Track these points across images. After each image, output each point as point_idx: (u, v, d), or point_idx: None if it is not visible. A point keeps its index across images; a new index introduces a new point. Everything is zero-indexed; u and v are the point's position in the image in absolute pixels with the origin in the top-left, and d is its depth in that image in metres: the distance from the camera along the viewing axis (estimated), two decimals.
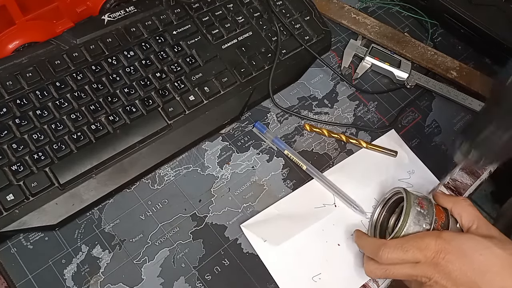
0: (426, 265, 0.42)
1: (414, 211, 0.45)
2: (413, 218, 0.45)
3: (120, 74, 0.52)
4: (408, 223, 0.44)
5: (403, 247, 0.43)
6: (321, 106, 0.59)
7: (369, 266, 0.46)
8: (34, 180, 0.45)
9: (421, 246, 0.42)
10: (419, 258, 0.42)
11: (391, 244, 0.44)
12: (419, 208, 0.45)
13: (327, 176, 0.53)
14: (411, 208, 0.45)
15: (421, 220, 0.45)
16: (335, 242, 0.50)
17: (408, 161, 0.56)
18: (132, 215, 0.48)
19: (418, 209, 0.45)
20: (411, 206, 0.45)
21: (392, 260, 0.43)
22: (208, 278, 0.46)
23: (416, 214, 0.45)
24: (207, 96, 0.54)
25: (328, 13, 0.66)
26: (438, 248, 0.42)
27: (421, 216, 0.45)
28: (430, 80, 0.62)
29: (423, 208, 0.45)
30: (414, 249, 0.42)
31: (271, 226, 0.49)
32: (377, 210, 0.51)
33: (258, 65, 0.57)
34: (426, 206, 0.46)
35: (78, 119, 0.48)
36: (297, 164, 0.53)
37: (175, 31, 0.56)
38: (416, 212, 0.45)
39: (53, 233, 0.46)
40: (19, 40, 0.52)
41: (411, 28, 0.69)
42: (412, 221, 0.45)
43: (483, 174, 0.58)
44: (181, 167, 0.52)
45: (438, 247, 0.42)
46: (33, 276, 0.44)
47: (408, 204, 0.45)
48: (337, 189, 0.52)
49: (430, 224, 0.45)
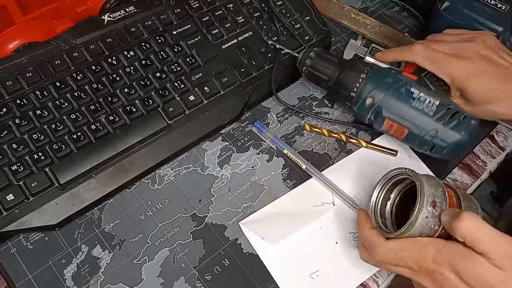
0: (423, 276, 0.40)
1: (425, 213, 0.40)
2: (422, 220, 0.40)
3: (120, 74, 0.52)
4: (416, 226, 0.40)
5: (397, 254, 0.40)
6: (321, 106, 0.59)
7: (364, 255, 0.45)
8: (34, 180, 0.45)
9: (417, 257, 0.39)
10: (413, 267, 0.40)
11: (386, 246, 0.41)
12: (430, 208, 0.40)
13: (326, 174, 0.53)
14: (422, 209, 0.40)
15: (430, 222, 0.40)
16: (332, 240, 0.50)
17: (408, 160, 0.56)
18: (132, 215, 0.48)
19: (430, 209, 0.40)
20: (422, 207, 0.40)
21: (384, 262, 0.42)
22: (208, 278, 0.46)
23: (427, 216, 0.40)
24: (207, 96, 0.54)
25: (328, 13, 0.66)
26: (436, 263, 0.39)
27: (431, 217, 0.40)
28: None
29: (435, 207, 0.40)
30: (408, 259, 0.40)
31: (269, 224, 0.50)
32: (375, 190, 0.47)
33: (258, 65, 0.57)
34: (439, 204, 0.40)
35: (78, 119, 0.48)
36: (297, 163, 0.53)
37: (175, 31, 0.56)
38: (427, 213, 0.40)
39: (53, 233, 0.46)
40: (19, 40, 0.52)
41: (411, 28, 0.69)
42: (419, 223, 0.40)
43: (483, 174, 0.58)
44: (181, 167, 0.52)
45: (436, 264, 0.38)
46: (33, 276, 0.44)
47: (420, 204, 0.40)
48: (336, 188, 0.52)
49: (439, 225, 0.40)
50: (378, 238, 0.43)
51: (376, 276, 0.49)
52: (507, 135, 0.61)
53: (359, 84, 0.52)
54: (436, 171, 0.56)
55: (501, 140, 0.61)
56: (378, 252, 0.42)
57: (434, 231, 0.41)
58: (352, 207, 0.51)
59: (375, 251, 0.42)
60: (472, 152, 0.59)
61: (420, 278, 0.40)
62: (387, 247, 0.41)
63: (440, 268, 0.38)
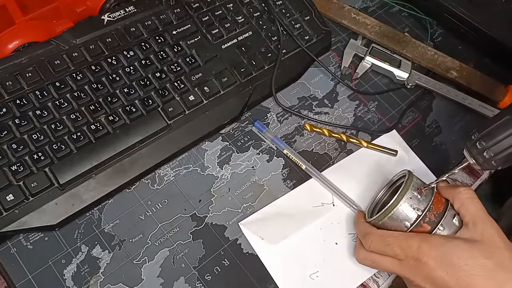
0: (408, 266, 0.42)
1: (410, 194, 0.44)
2: (407, 200, 0.44)
3: (120, 74, 0.52)
4: (400, 204, 0.44)
5: (386, 240, 0.43)
6: (321, 106, 0.59)
7: (359, 254, 0.47)
8: (34, 180, 0.45)
9: (403, 245, 0.42)
10: (399, 255, 0.42)
11: (376, 233, 0.44)
12: (416, 193, 0.45)
13: (326, 175, 0.53)
14: (407, 191, 0.44)
15: (414, 205, 0.44)
16: (332, 241, 0.50)
17: (408, 160, 0.56)
18: (132, 215, 0.48)
19: (415, 193, 0.44)
20: (407, 189, 0.44)
21: (374, 250, 0.44)
22: (208, 278, 0.46)
23: (411, 197, 0.44)
24: (207, 96, 0.54)
25: (328, 13, 0.66)
26: (420, 251, 0.41)
27: (415, 200, 0.44)
28: (430, 80, 0.62)
29: (421, 193, 0.45)
30: (395, 245, 0.43)
31: (269, 224, 0.50)
32: (382, 190, 0.51)
33: (258, 65, 0.57)
34: (424, 193, 0.45)
35: (78, 119, 0.48)
36: (297, 164, 0.53)
37: (175, 31, 0.56)
38: (412, 196, 0.44)
39: (53, 233, 0.46)
40: (19, 40, 0.52)
41: (411, 28, 0.69)
42: (404, 202, 0.44)
43: (483, 174, 0.58)
44: (181, 167, 0.52)
45: (421, 251, 0.41)
46: (33, 276, 0.44)
47: (405, 186, 0.45)
48: (336, 188, 0.52)
49: (422, 211, 0.44)
50: (370, 227, 0.46)
51: (376, 276, 0.49)
52: None
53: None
54: (436, 171, 0.56)
55: None
56: (370, 239, 0.44)
57: (417, 216, 0.44)
58: (351, 207, 0.51)
59: (367, 239, 0.45)
60: None
61: (406, 268, 0.42)
62: (377, 233, 0.44)
63: (424, 257, 0.41)
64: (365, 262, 0.46)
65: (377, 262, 0.45)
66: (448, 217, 0.44)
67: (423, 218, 0.44)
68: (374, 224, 0.46)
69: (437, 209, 0.44)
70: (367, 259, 0.46)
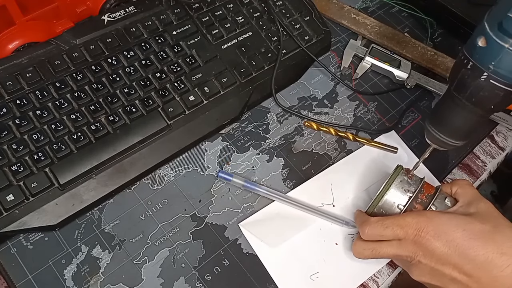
0: (408, 242, 0.43)
1: (400, 178, 0.46)
2: (398, 183, 0.46)
3: (120, 74, 0.52)
4: (392, 187, 0.46)
5: (383, 223, 0.44)
6: (321, 106, 0.59)
7: (357, 247, 0.47)
8: (34, 181, 0.45)
9: (401, 223, 0.43)
10: (399, 235, 0.43)
11: (372, 220, 0.45)
12: (406, 177, 0.46)
13: (326, 174, 0.53)
14: (398, 175, 0.46)
15: (405, 187, 0.46)
16: (332, 241, 0.50)
17: (408, 160, 0.56)
18: (132, 215, 0.48)
19: (405, 178, 0.46)
20: (398, 174, 0.46)
21: (373, 236, 0.45)
22: (208, 278, 0.46)
23: (402, 181, 0.46)
24: (207, 96, 0.54)
25: (328, 13, 0.66)
26: (418, 226, 0.42)
27: (406, 183, 0.46)
28: (430, 80, 0.62)
29: (411, 178, 0.47)
30: (393, 225, 0.43)
31: (269, 225, 0.50)
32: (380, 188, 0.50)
33: (258, 65, 0.57)
34: (414, 178, 0.47)
35: (78, 119, 0.48)
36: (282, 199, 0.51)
37: (175, 31, 0.56)
38: (402, 180, 0.46)
39: (53, 233, 0.46)
40: (19, 40, 0.52)
41: (411, 28, 0.69)
42: (396, 185, 0.46)
43: (483, 175, 0.58)
44: (181, 167, 0.52)
45: (418, 225, 0.42)
46: (33, 276, 0.44)
47: (395, 172, 0.47)
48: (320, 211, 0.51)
49: (413, 192, 0.46)
50: (366, 216, 0.47)
51: (376, 276, 0.49)
52: (507, 135, 0.61)
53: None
54: (436, 171, 0.56)
55: (501, 140, 0.61)
56: (366, 226, 0.45)
57: (409, 198, 0.46)
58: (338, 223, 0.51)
59: (365, 227, 0.45)
60: (472, 152, 0.59)
61: (406, 246, 0.43)
62: (374, 220, 0.45)
63: (422, 231, 0.42)
64: (364, 252, 0.46)
65: (377, 248, 0.45)
66: (440, 198, 0.46)
67: (415, 199, 0.46)
68: (370, 214, 0.47)
69: (428, 192, 0.46)
70: (365, 248, 0.46)
